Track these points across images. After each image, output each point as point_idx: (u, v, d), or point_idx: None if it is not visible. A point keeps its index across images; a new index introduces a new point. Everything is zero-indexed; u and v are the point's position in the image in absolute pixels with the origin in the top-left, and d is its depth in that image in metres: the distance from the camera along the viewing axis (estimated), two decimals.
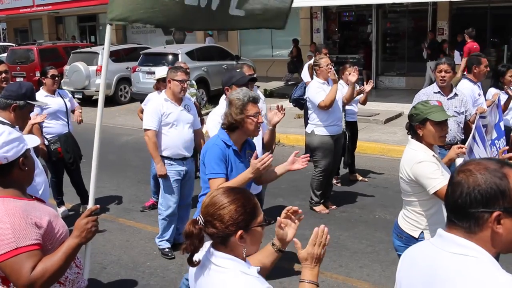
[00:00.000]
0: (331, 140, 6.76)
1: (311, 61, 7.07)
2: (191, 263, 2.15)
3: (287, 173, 3.97)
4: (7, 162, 2.47)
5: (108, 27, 3.41)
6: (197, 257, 2.15)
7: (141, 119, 7.11)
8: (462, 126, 5.84)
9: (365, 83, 8.04)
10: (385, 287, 4.98)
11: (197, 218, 2.14)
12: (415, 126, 3.63)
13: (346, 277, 5.24)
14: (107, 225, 6.75)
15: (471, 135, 4.11)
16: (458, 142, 5.78)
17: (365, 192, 7.73)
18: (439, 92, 5.75)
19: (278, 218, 2.40)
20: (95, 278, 5.34)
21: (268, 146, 4.69)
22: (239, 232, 2.09)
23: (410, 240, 3.70)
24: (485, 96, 6.47)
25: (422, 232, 3.67)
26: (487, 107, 5.73)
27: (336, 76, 6.63)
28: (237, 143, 3.80)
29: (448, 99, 5.72)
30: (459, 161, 3.71)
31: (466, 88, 6.20)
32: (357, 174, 8.32)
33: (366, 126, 11.56)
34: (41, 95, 6.46)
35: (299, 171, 8.39)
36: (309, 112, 6.90)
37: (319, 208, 6.98)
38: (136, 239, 6.32)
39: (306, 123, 7.13)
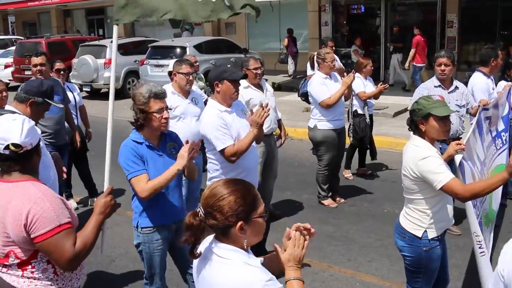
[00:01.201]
0: (335, 134, 6.73)
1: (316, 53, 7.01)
2: (193, 255, 2.17)
3: (295, 166, 3.96)
4: (31, 147, 2.65)
5: (115, 27, 3.70)
6: (199, 249, 2.17)
7: None
8: (464, 119, 5.80)
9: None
10: (394, 281, 4.96)
11: (198, 210, 2.16)
12: (418, 121, 3.54)
13: (354, 271, 5.23)
14: (115, 218, 6.71)
15: (470, 130, 4.05)
16: (460, 136, 5.74)
17: (373, 186, 7.71)
18: (440, 85, 5.68)
19: (287, 228, 2.36)
20: (104, 271, 5.37)
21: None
22: (239, 223, 2.09)
23: (413, 240, 3.64)
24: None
25: (426, 231, 3.59)
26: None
27: (353, 77, 6.58)
28: (151, 139, 3.72)
29: (449, 92, 5.65)
30: (458, 157, 3.65)
31: (481, 82, 6.09)
32: (366, 168, 8.30)
33: (375, 120, 11.40)
34: None
35: (307, 165, 8.46)
36: (311, 107, 6.86)
37: (328, 201, 6.97)
38: None
39: None
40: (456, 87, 5.74)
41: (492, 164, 4.48)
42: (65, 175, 4.33)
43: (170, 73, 6.91)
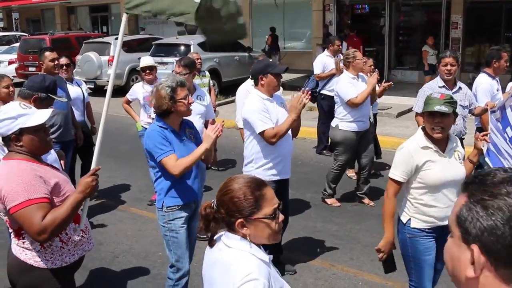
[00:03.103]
0: (355, 136, 6.71)
1: (339, 56, 7.04)
2: (210, 243, 2.25)
3: (298, 165, 4.01)
4: (6, 135, 2.91)
5: (124, 16, 3.60)
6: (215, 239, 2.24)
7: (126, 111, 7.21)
8: (467, 120, 5.86)
9: None
10: (397, 281, 4.97)
11: (211, 202, 2.22)
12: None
13: (357, 270, 5.24)
14: (119, 215, 6.78)
15: (490, 132, 4.12)
16: (463, 137, 5.78)
17: (376, 185, 7.69)
18: (444, 86, 5.71)
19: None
20: (108, 267, 5.39)
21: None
22: (239, 220, 2.12)
23: (400, 225, 3.84)
24: (504, 91, 6.38)
25: (410, 219, 3.75)
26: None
27: (377, 76, 6.66)
28: (174, 124, 4.01)
29: (452, 93, 5.65)
30: (484, 148, 3.85)
31: (485, 83, 6.10)
32: None
33: (379, 120, 11.41)
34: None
35: (311, 163, 8.47)
36: (336, 106, 6.86)
37: (331, 200, 6.97)
38: (148, 228, 6.35)
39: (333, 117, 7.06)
40: (460, 88, 5.76)
41: None
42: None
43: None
